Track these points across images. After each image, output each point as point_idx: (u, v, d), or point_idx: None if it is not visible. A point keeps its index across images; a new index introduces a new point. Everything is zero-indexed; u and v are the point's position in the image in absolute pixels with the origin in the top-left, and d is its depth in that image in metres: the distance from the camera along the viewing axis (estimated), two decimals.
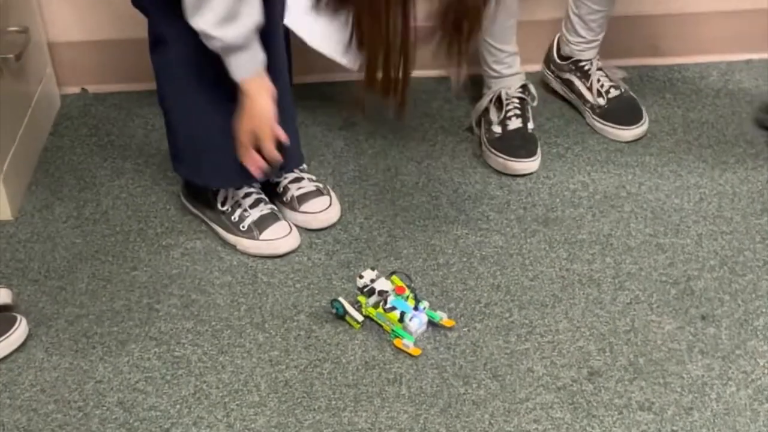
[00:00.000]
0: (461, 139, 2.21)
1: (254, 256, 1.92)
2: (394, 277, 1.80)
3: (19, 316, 1.77)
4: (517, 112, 2.16)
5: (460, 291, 1.84)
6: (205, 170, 1.90)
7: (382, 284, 1.77)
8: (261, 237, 1.92)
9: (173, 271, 1.91)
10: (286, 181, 2.01)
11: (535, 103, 2.20)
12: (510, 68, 2.18)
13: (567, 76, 2.28)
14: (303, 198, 1.99)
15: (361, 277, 1.78)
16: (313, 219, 1.98)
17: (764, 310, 1.78)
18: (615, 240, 1.94)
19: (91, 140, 2.25)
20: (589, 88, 2.23)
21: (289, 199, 1.99)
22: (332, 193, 2.03)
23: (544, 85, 2.34)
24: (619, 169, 2.12)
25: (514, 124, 2.15)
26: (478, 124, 2.19)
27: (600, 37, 2.25)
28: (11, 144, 2.07)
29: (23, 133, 2.13)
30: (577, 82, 2.26)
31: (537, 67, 2.35)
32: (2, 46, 2.05)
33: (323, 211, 1.99)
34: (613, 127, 2.19)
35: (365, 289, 1.77)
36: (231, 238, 1.95)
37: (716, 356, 1.70)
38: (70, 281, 1.89)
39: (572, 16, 2.23)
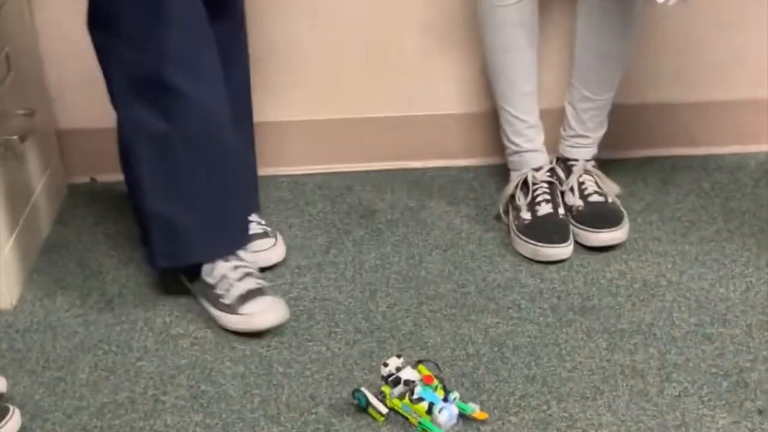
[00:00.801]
0: (488, 228, 2.10)
1: (235, 331, 1.82)
2: (420, 366, 1.66)
3: (11, 407, 1.62)
4: (547, 197, 2.05)
5: (492, 382, 1.70)
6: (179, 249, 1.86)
7: (409, 373, 1.63)
8: (241, 311, 1.81)
9: (181, 361, 1.77)
10: None
11: (564, 187, 2.09)
12: (530, 142, 2.08)
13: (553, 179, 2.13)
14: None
15: (385, 365, 1.63)
16: (256, 258, 1.93)
17: None
18: (658, 330, 1.80)
19: (97, 229, 2.14)
20: (571, 189, 2.08)
21: None
22: (279, 237, 1.99)
23: None
24: (657, 257, 1.99)
25: (545, 209, 2.03)
26: (506, 211, 2.08)
27: (594, 136, 2.11)
28: (13, 230, 1.95)
29: (26, 219, 2.02)
30: (566, 185, 2.11)
31: None
32: (7, 127, 1.96)
33: (264, 250, 1.95)
34: (582, 229, 2.02)
35: (390, 378, 1.62)
36: (214, 311, 1.85)
37: None
38: (70, 372, 1.75)
39: (566, 106, 2.12)
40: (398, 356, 1.65)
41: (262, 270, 1.93)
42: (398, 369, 1.63)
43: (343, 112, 2.30)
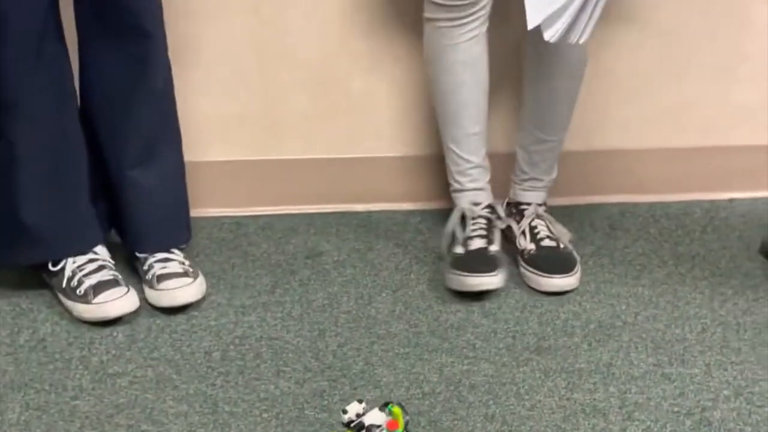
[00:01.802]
0: (438, 269, 2.04)
1: (88, 321, 1.85)
2: (395, 408, 1.51)
3: None
4: (482, 232, 2.00)
5: (450, 421, 1.63)
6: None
7: (374, 417, 1.50)
8: (94, 301, 1.84)
9: (120, 400, 1.67)
10: (153, 260, 1.93)
11: (502, 226, 2.05)
12: (475, 182, 2.04)
13: (508, 222, 2.10)
14: (163, 277, 1.89)
15: (344, 411, 1.50)
16: (165, 295, 1.88)
17: None
18: (616, 369, 1.76)
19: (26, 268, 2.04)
20: (523, 232, 2.06)
21: (150, 277, 1.91)
22: (199, 278, 1.93)
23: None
24: (611, 299, 1.96)
25: (477, 243, 1.98)
26: (449, 250, 2.04)
27: (547, 179, 2.10)
28: None
29: None
30: (514, 226, 2.08)
31: None
32: None
33: (178, 288, 1.89)
34: (534, 274, 1.98)
35: (353, 425, 1.50)
36: (68, 303, 1.87)
37: None
38: (0, 411, 1.64)
39: (518, 150, 2.09)
40: (360, 401, 1.52)
41: (177, 310, 1.89)
42: (359, 415, 1.50)
43: (287, 153, 2.24)
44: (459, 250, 1.99)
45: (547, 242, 2.04)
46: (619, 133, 2.29)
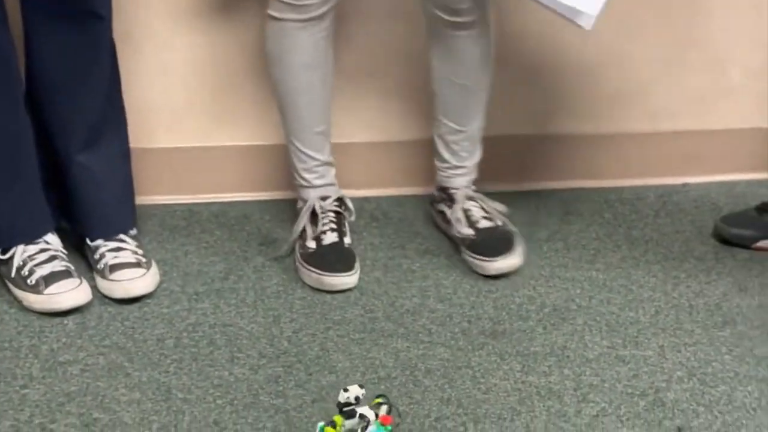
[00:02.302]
0: (393, 255, 2.04)
1: (40, 312, 1.81)
2: (377, 399, 1.52)
3: None
4: (333, 226, 1.99)
5: (405, 405, 1.62)
6: None
7: (366, 410, 1.48)
8: (46, 292, 1.81)
9: (71, 388, 1.64)
10: (104, 248, 1.90)
11: (352, 218, 2.04)
12: (322, 178, 2.02)
13: (440, 206, 2.10)
14: (116, 267, 1.86)
15: (345, 390, 1.48)
16: (118, 287, 1.85)
17: (745, 422, 1.60)
18: (571, 352, 1.76)
19: None
20: (458, 219, 2.04)
21: (102, 267, 1.88)
22: (153, 268, 1.90)
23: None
24: (565, 283, 1.96)
25: (330, 238, 1.97)
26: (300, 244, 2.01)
27: (468, 163, 2.08)
28: None
29: None
30: (447, 212, 2.07)
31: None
32: None
33: (131, 279, 1.85)
34: (477, 259, 1.96)
35: (345, 408, 1.48)
36: (18, 293, 1.84)
37: None
38: None
39: (436, 139, 2.07)
40: (361, 386, 1.49)
41: (130, 301, 1.86)
42: (357, 399, 1.48)
43: (238, 139, 2.22)
44: (311, 244, 1.96)
45: (483, 223, 2.02)
46: (572, 118, 2.30)
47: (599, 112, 2.30)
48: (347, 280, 1.92)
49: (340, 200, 2.04)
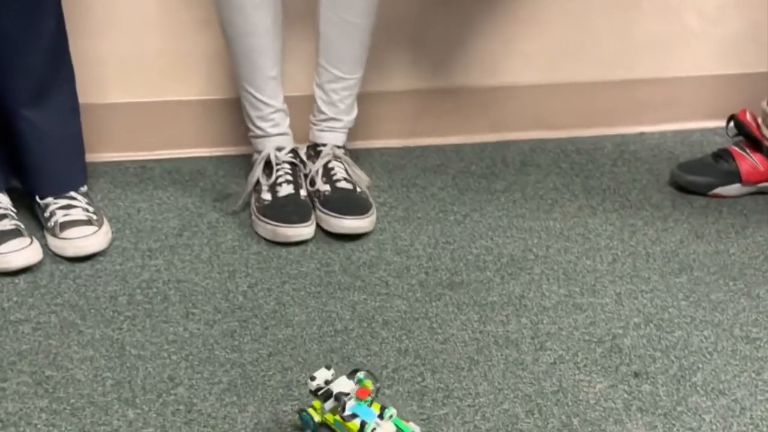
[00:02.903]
0: None
1: None
2: (364, 379, 1.43)
3: None
4: (289, 177, 1.96)
5: (363, 357, 1.61)
6: None
7: (342, 385, 1.41)
8: None
9: (23, 347, 1.61)
10: (55, 206, 1.87)
11: (307, 170, 2.01)
12: (276, 126, 2.00)
13: (308, 165, 2.04)
14: (66, 225, 1.84)
15: (312, 378, 1.41)
16: (69, 245, 1.83)
17: (701, 365, 1.61)
18: (528, 301, 1.76)
19: None
20: (318, 173, 1.98)
21: (52, 224, 1.86)
22: (104, 225, 1.88)
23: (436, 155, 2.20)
24: (523, 233, 1.96)
25: (286, 190, 1.94)
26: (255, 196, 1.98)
27: (346, 119, 2.04)
28: None
29: None
30: (311, 167, 2.01)
31: None
32: None
33: (82, 237, 1.83)
34: (327, 215, 1.92)
35: (320, 392, 1.41)
36: None
37: (657, 414, 1.50)
38: None
39: (315, 89, 2.02)
40: (327, 367, 1.43)
41: (82, 259, 1.83)
42: (327, 382, 1.41)
43: (190, 94, 2.18)
44: (266, 196, 1.94)
45: (343, 184, 1.98)
46: (527, 68, 2.28)
47: (555, 62, 2.29)
48: (303, 231, 1.90)
49: (294, 152, 2.02)
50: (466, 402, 1.52)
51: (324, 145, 2.03)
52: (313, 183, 1.99)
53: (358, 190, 1.99)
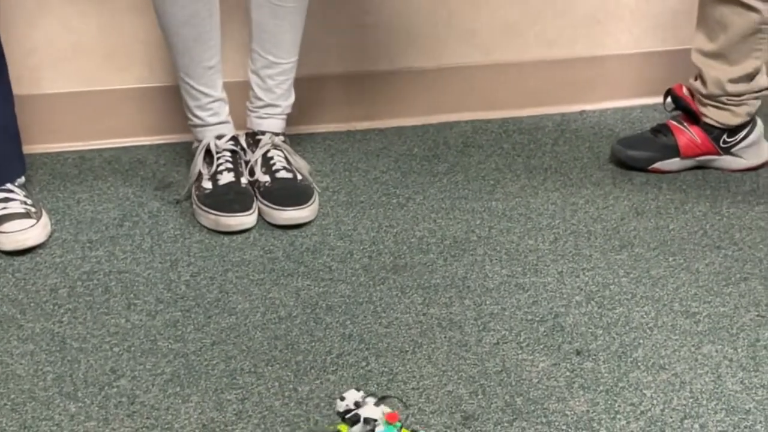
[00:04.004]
0: None
1: None
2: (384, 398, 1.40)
3: None
4: (229, 165, 1.95)
5: (307, 343, 1.61)
6: None
7: (370, 411, 1.34)
8: None
9: None
10: None
11: (248, 158, 1.99)
12: (216, 115, 1.98)
13: (250, 154, 2.02)
14: (4, 219, 1.82)
15: (342, 398, 1.35)
16: (8, 239, 1.81)
17: (641, 341, 1.63)
18: (471, 282, 1.77)
19: None
20: (257, 163, 1.97)
21: None
22: (43, 218, 1.85)
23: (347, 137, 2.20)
24: (465, 215, 1.96)
25: (226, 178, 1.93)
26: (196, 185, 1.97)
27: (284, 104, 2.02)
28: None
29: None
30: (251, 157, 1.99)
31: None
32: None
33: (21, 231, 1.81)
34: (268, 207, 1.91)
35: (348, 416, 1.36)
36: None
37: (599, 390, 1.52)
38: None
39: (251, 76, 2.00)
40: (357, 389, 1.39)
41: (21, 252, 1.81)
42: (357, 404, 1.36)
43: (128, 82, 2.16)
44: (207, 185, 1.93)
45: (282, 174, 1.97)
46: (468, 49, 2.28)
47: (495, 42, 2.29)
48: (245, 219, 1.89)
49: (235, 139, 2.01)
50: (411, 385, 1.53)
51: (263, 133, 2.02)
52: (252, 173, 1.98)
53: (299, 178, 1.98)
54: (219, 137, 1.98)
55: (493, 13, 2.26)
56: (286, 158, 2.00)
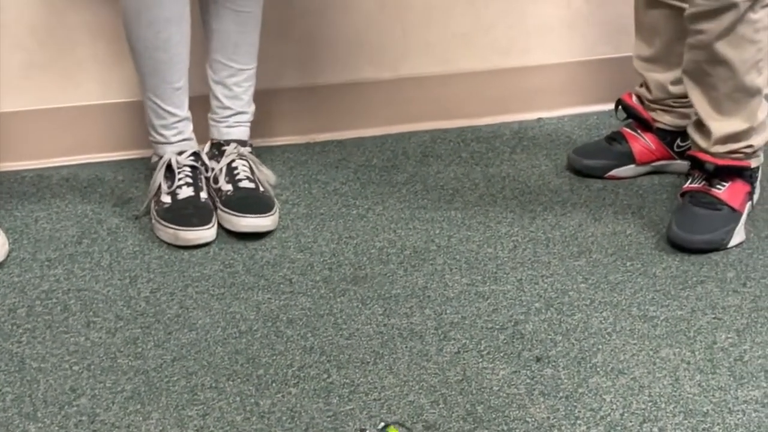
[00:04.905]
0: None
1: None
2: (391, 428, 1.45)
3: None
4: (189, 180, 1.95)
5: (268, 357, 1.61)
6: None
7: None
8: None
9: None
10: None
11: (208, 174, 1.99)
12: (181, 134, 1.98)
13: (210, 163, 2.02)
14: None
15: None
16: None
17: (600, 347, 1.64)
18: (432, 292, 1.78)
19: None
20: (222, 171, 1.98)
21: None
22: (1, 237, 1.84)
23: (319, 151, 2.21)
24: (425, 224, 1.97)
25: (186, 192, 1.93)
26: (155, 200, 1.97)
27: (248, 110, 2.03)
28: None
29: None
30: (215, 167, 1.99)
31: None
32: None
33: None
34: (229, 214, 1.91)
35: None
36: None
37: (559, 397, 1.54)
38: None
39: (215, 87, 2.00)
40: (362, 430, 1.44)
41: None
42: None
43: (84, 99, 2.15)
44: (166, 199, 1.93)
45: (245, 183, 1.97)
46: (423, 59, 2.30)
47: (450, 53, 2.31)
48: (204, 233, 1.89)
49: (196, 155, 2.00)
50: (372, 396, 1.53)
51: (228, 143, 2.02)
52: (216, 181, 1.98)
53: (261, 189, 1.98)
54: (180, 153, 1.98)
55: (446, 25, 2.28)
56: (250, 168, 2.00)
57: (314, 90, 2.26)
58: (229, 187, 1.96)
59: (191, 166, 1.97)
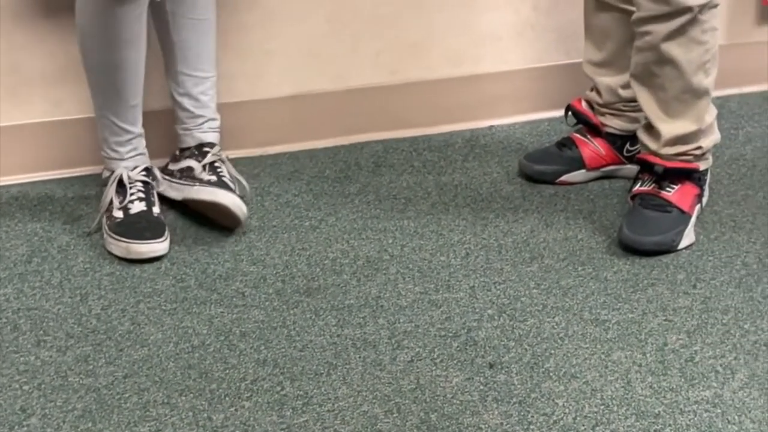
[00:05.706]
0: (203, 222, 2.00)
1: None
2: None
3: None
4: (141, 195, 1.95)
5: (221, 371, 1.60)
6: None
7: None
8: None
9: None
10: None
11: (161, 188, 2.01)
12: (134, 150, 1.98)
13: (184, 163, 2.04)
14: None
15: None
16: None
17: (553, 351, 1.65)
18: (385, 301, 1.78)
19: None
20: (204, 167, 2.00)
21: None
22: None
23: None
24: (378, 234, 1.97)
25: (138, 207, 1.94)
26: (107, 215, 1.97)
27: (218, 116, 2.07)
28: None
29: None
30: (196, 165, 2.01)
31: None
32: None
33: None
34: (206, 186, 1.96)
35: None
36: None
37: (512, 402, 1.54)
38: None
39: (181, 100, 2.02)
40: None
41: None
42: None
43: (32, 116, 2.13)
44: (118, 214, 1.93)
45: (226, 179, 2.00)
46: (373, 69, 2.30)
47: (400, 62, 2.31)
48: (157, 247, 1.88)
49: (148, 170, 1.99)
50: (326, 407, 1.53)
51: (212, 145, 2.04)
52: (198, 172, 2.00)
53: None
54: (132, 168, 1.97)
55: (396, 34, 2.28)
56: (228, 172, 2.02)
57: (266, 102, 2.26)
58: (213, 177, 1.98)
59: (143, 182, 1.96)
